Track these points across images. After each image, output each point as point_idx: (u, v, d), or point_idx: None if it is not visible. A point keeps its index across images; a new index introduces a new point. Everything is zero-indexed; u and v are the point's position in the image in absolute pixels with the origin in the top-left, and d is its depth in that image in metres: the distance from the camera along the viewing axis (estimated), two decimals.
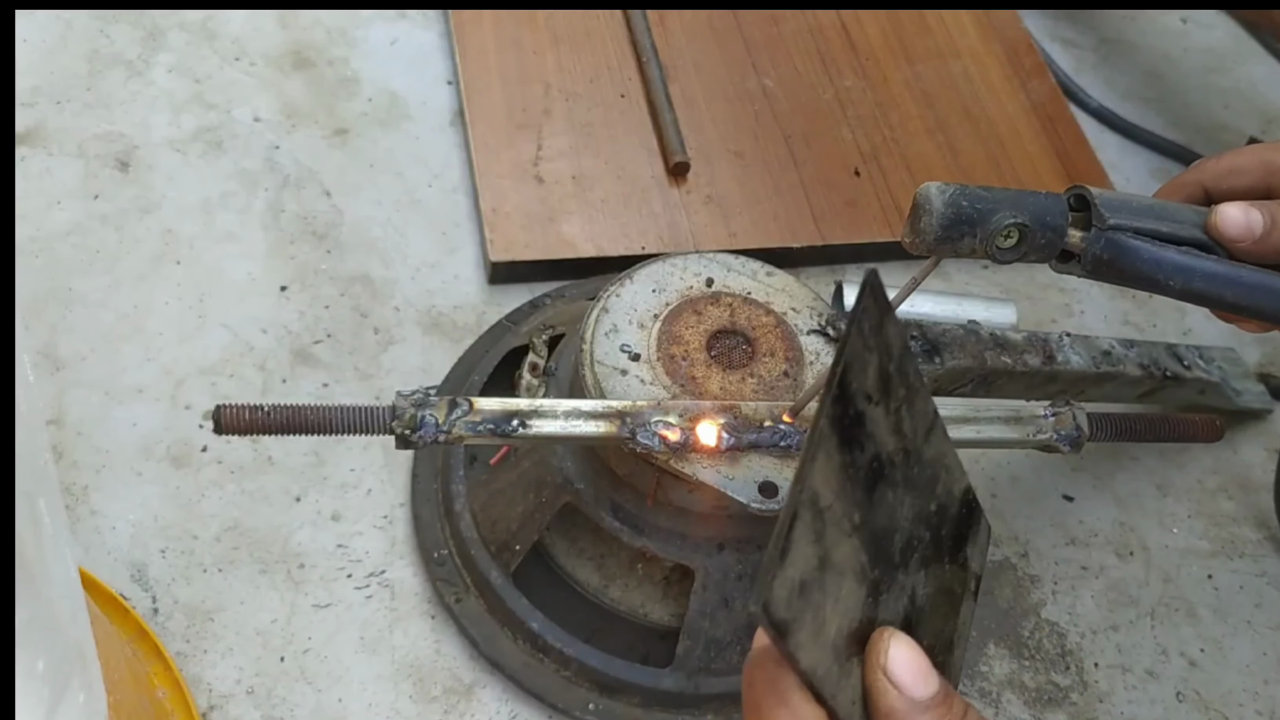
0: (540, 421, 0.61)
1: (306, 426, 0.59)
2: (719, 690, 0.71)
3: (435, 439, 0.59)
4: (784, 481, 0.63)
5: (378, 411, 0.59)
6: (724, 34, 1.11)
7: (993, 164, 1.06)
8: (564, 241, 0.92)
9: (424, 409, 0.59)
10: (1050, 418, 0.68)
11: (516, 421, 0.61)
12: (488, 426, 0.60)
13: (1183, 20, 1.29)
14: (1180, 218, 0.57)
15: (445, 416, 0.59)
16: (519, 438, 0.61)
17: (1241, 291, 0.57)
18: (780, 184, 1.00)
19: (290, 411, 0.58)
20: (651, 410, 0.62)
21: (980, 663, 0.79)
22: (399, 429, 0.59)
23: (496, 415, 0.61)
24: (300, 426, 0.59)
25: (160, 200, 0.92)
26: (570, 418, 0.61)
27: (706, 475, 0.62)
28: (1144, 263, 0.55)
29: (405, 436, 0.59)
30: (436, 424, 0.59)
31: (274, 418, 0.58)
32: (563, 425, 0.61)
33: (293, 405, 0.58)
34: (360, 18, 1.08)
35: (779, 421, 0.63)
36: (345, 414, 0.59)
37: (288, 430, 0.58)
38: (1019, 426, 0.67)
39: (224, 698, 0.70)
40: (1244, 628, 0.84)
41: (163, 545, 0.76)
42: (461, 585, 0.74)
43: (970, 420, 0.66)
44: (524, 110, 1.00)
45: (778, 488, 0.63)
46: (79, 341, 0.83)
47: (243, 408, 0.58)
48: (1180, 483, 0.91)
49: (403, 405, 0.59)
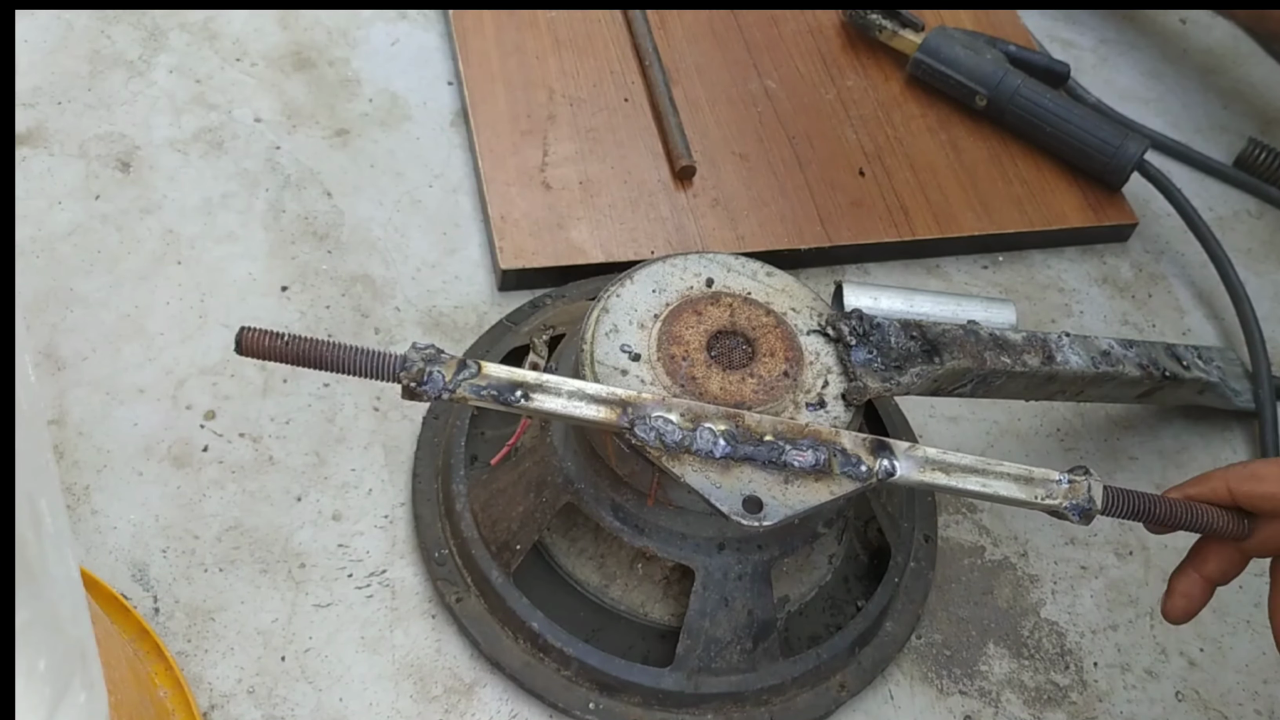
0: (543, 396, 0.61)
1: (321, 361, 0.60)
2: (719, 690, 0.71)
3: (439, 395, 0.60)
4: (770, 499, 0.62)
5: (389, 359, 0.60)
6: (725, 36, 1.11)
7: (995, 161, 1.06)
8: (573, 247, 0.92)
9: (433, 364, 0.60)
10: (1064, 484, 0.65)
11: (520, 392, 0.61)
12: (491, 392, 0.61)
13: (1182, 20, 1.29)
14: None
15: (452, 375, 0.60)
16: (520, 408, 0.61)
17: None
18: (786, 185, 1.00)
19: (308, 344, 0.60)
20: (655, 404, 0.62)
21: (980, 662, 0.79)
22: (405, 380, 0.60)
23: (501, 383, 0.61)
24: (315, 360, 0.60)
25: (161, 200, 0.92)
26: (574, 398, 0.61)
27: (694, 479, 0.62)
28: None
29: (411, 388, 0.60)
30: (443, 381, 0.60)
31: (291, 347, 0.59)
32: (564, 404, 0.61)
33: (311, 339, 0.60)
34: (361, 18, 1.08)
35: (780, 437, 0.63)
36: (358, 355, 0.60)
37: (302, 362, 0.60)
38: (1029, 488, 0.64)
39: (225, 697, 0.71)
40: (1243, 627, 0.84)
41: (164, 545, 0.76)
42: (462, 585, 0.74)
43: (979, 472, 0.64)
44: (528, 116, 1.00)
45: (762, 504, 0.62)
46: (80, 341, 0.84)
47: (264, 333, 0.59)
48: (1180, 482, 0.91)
49: (413, 358, 0.60)
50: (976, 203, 1.03)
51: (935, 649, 0.79)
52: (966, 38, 1.08)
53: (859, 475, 0.63)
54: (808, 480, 0.63)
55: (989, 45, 1.08)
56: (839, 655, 0.74)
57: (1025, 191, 1.04)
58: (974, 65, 1.06)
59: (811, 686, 0.74)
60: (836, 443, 0.63)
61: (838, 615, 0.78)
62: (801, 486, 0.63)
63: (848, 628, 0.75)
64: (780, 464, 0.62)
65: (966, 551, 0.84)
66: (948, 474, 0.63)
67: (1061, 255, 1.05)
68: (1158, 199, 1.06)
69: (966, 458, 0.64)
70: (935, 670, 0.78)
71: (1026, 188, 1.05)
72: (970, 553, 0.84)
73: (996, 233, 1.02)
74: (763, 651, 0.71)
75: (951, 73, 1.06)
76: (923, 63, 1.07)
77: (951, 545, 0.84)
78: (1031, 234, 1.03)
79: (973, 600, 0.82)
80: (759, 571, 0.70)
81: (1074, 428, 0.93)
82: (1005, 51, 1.08)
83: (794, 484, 0.63)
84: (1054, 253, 1.05)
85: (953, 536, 0.85)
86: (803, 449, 0.62)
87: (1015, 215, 1.03)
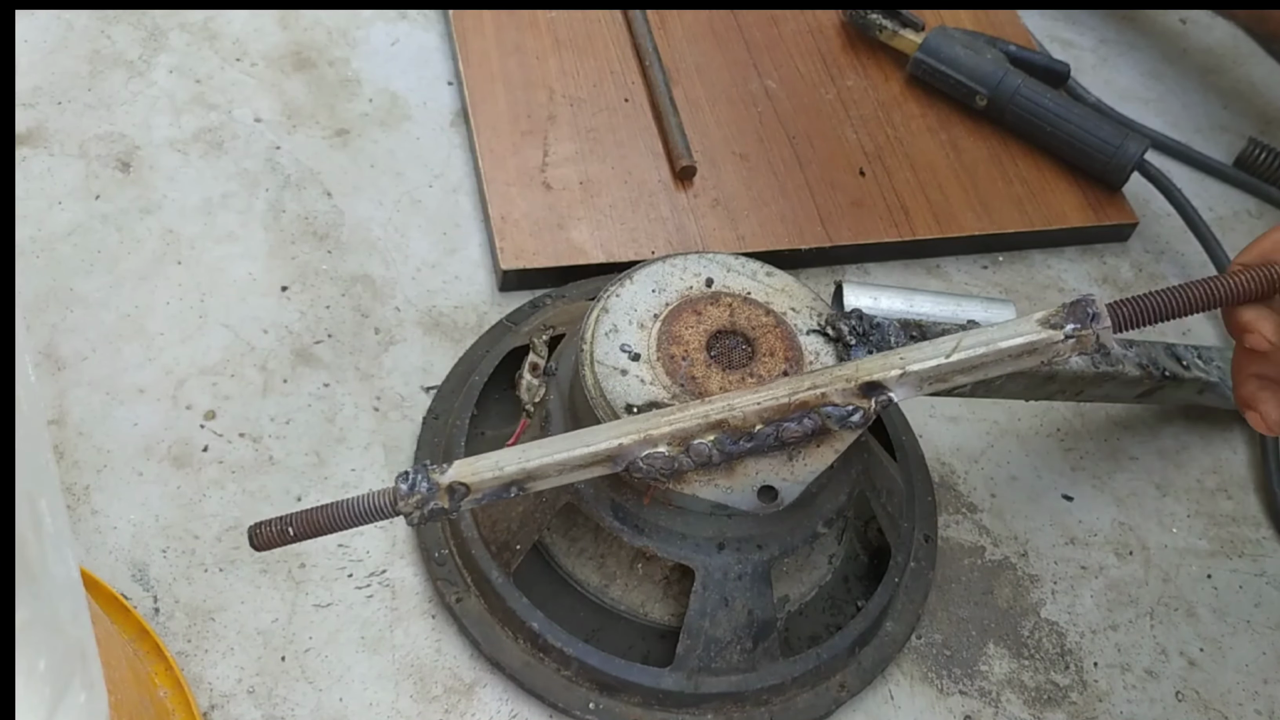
0: (538, 484, 0.62)
1: (323, 527, 0.61)
2: (719, 690, 0.71)
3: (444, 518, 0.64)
4: (781, 483, 0.63)
5: (380, 499, 0.61)
6: (725, 36, 1.11)
7: (995, 161, 1.06)
8: (574, 248, 0.92)
9: (429, 503, 0.61)
10: (1071, 340, 0.59)
11: (515, 488, 0.62)
12: (490, 499, 0.62)
13: (1182, 21, 1.29)
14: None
15: (450, 504, 0.61)
16: (521, 498, 0.63)
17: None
18: (786, 185, 1.00)
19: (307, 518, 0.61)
20: (639, 446, 0.62)
21: (980, 662, 0.79)
22: (410, 524, 0.62)
23: (495, 488, 0.62)
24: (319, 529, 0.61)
25: (161, 200, 0.92)
26: (565, 471, 0.62)
27: (706, 493, 0.64)
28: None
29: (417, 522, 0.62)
30: (444, 510, 0.61)
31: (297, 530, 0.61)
32: (560, 479, 0.62)
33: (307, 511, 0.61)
34: (361, 18, 1.08)
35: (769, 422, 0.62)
36: (354, 506, 0.61)
37: (310, 536, 0.61)
38: (1035, 357, 0.60)
39: (225, 697, 0.71)
40: (1243, 627, 0.84)
41: (164, 545, 0.76)
42: (462, 585, 0.74)
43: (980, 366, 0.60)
44: (529, 116, 1.00)
45: (777, 491, 0.63)
46: (80, 341, 0.84)
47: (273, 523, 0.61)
48: (1180, 482, 0.91)
49: (408, 508, 0.60)
50: (976, 202, 1.03)
51: (935, 649, 0.79)
52: (966, 37, 1.08)
53: (857, 424, 0.62)
54: (810, 448, 0.64)
55: (989, 45, 1.08)
56: (839, 655, 0.74)
57: (1025, 191, 1.04)
58: (974, 65, 1.06)
59: (811, 686, 0.74)
60: (825, 403, 0.62)
61: (838, 615, 0.78)
62: (807, 456, 0.64)
63: (848, 628, 0.75)
64: (779, 444, 0.63)
65: (966, 551, 0.84)
66: (949, 380, 0.61)
67: (1061, 255, 1.05)
68: (1158, 199, 1.06)
69: (962, 352, 0.60)
70: (935, 670, 0.79)
71: (1026, 187, 1.05)
72: (970, 553, 0.84)
73: (996, 232, 1.02)
74: (763, 651, 0.71)
75: (952, 72, 1.06)
76: (923, 62, 1.07)
77: (951, 545, 0.84)
78: (1031, 234, 1.03)
79: (973, 600, 0.82)
80: (759, 571, 0.70)
81: (1074, 428, 0.93)
82: (1005, 51, 1.08)
83: (799, 458, 0.64)
84: (1054, 253, 1.05)
85: (953, 536, 0.85)
86: (797, 424, 0.62)
87: (1015, 215, 1.03)
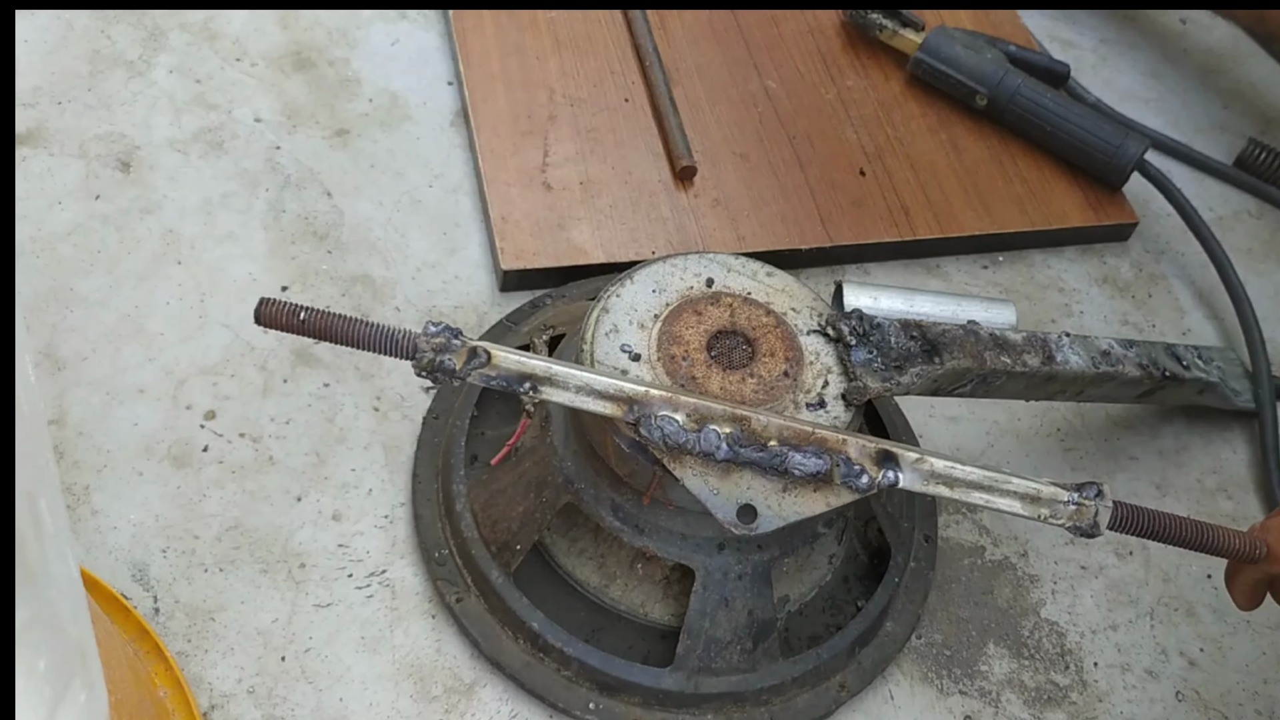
0: (551, 390, 0.62)
1: (336, 335, 0.60)
2: (719, 690, 0.71)
3: (449, 380, 0.61)
4: (765, 508, 0.63)
5: (403, 337, 0.60)
6: (725, 36, 1.11)
7: (995, 161, 1.06)
8: (574, 248, 0.92)
9: (444, 354, 0.60)
10: (1071, 506, 0.63)
11: (529, 385, 0.61)
12: (499, 382, 0.61)
13: (1182, 21, 1.29)
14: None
15: (462, 365, 0.60)
16: (528, 398, 0.62)
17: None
18: (786, 185, 1.00)
19: (324, 318, 0.60)
20: (661, 404, 0.62)
21: (980, 662, 0.79)
22: (416, 369, 0.61)
23: (511, 375, 0.61)
24: (330, 334, 0.60)
25: (161, 200, 0.92)
26: (581, 393, 0.62)
27: (693, 484, 0.63)
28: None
29: (421, 374, 0.61)
30: (454, 371, 0.60)
31: (307, 322, 0.60)
32: (572, 398, 0.62)
33: (327, 312, 0.60)
34: (361, 18, 1.08)
35: (785, 443, 0.62)
36: (372, 331, 0.60)
37: (318, 335, 0.60)
38: (1034, 506, 0.64)
39: (225, 697, 0.71)
40: (1243, 627, 0.84)
41: (164, 545, 0.76)
42: (462, 585, 0.74)
43: (984, 488, 0.64)
44: (529, 117, 1.00)
45: (756, 515, 0.63)
46: (80, 341, 0.84)
47: (282, 304, 0.60)
48: (1180, 482, 0.91)
49: (424, 350, 0.60)
50: (977, 202, 1.03)
51: (935, 649, 0.79)
52: (967, 37, 1.08)
53: (859, 487, 0.62)
54: (806, 490, 0.63)
55: (989, 45, 1.08)
56: (839, 655, 0.74)
57: (1025, 191, 1.04)
58: (974, 65, 1.06)
59: (811, 686, 0.74)
60: (841, 451, 0.63)
61: (838, 615, 0.78)
62: (799, 496, 0.63)
63: (848, 628, 0.75)
64: (781, 471, 0.62)
65: (966, 551, 0.84)
66: (951, 488, 0.63)
67: (1061, 255, 1.05)
68: (1158, 199, 1.06)
69: (974, 472, 0.63)
70: (935, 670, 0.78)
71: (1027, 187, 1.05)
72: (970, 553, 0.84)
73: (996, 232, 1.02)
74: (763, 651, 0.71)
75: (952, 72, 1.06)
76: (923, 62, 1.07)
77: (951, 545, 0.84)
78: (1031, 234, 1.03)
79: (973, 600, 0.82)
80: (759, 571, 0.70)
81: (1074, 428, 0.93)
82: (1005, 51, 1.08)
83: (791, 493, 0.63)
84: (1054, 252, 1.05)
85: (953, 536, 0.85)
86: (806, 457, 0.62)
87: (1015, 215, 1.03)
